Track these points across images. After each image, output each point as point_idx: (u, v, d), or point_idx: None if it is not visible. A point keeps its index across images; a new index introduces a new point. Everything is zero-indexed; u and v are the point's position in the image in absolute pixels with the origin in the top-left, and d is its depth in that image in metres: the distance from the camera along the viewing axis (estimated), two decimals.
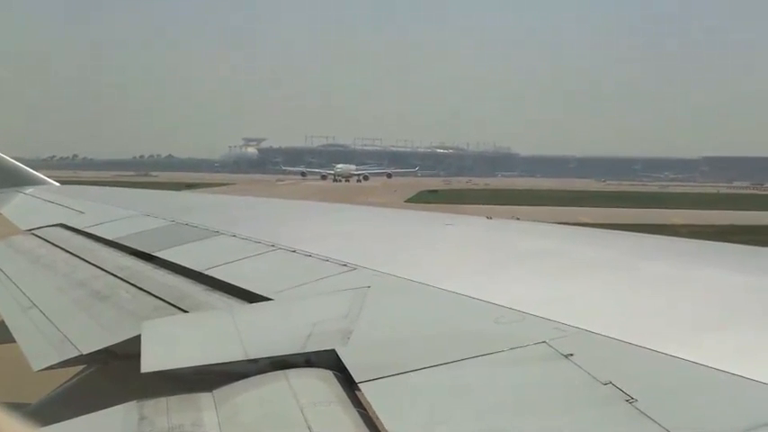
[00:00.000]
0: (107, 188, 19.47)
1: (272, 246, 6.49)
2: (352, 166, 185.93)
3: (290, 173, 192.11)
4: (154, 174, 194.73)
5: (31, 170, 16.25)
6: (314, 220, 9.42)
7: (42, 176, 16.11)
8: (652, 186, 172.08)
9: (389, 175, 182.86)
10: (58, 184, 16.22)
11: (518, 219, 8.66)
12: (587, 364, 3.04)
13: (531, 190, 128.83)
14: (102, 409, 3.51)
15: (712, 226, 49.83)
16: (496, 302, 4.00)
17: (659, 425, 2.47)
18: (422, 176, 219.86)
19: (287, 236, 6.95)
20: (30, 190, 14.79)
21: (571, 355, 3.15)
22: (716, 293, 4.15)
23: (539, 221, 9.02)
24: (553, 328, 3.48)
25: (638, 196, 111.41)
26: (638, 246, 6.28)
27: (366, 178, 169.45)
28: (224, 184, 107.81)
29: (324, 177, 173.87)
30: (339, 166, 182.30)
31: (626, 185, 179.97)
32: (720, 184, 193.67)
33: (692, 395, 2.76)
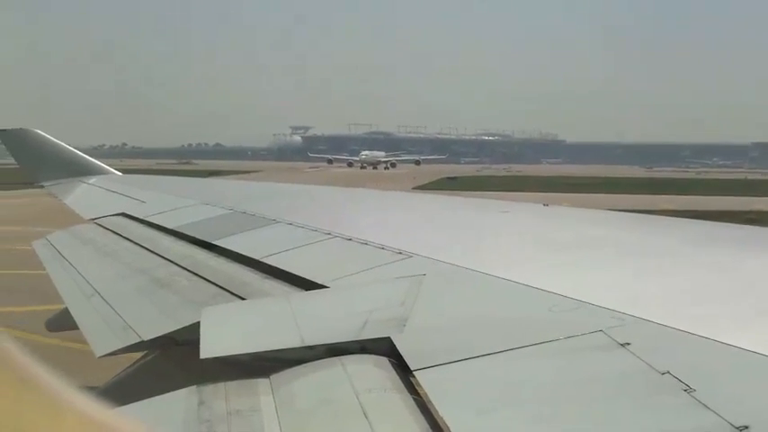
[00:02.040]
0: (168, 177, 19.75)
1: (329, 234, 6.54)
2: (381, 153, 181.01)
3: (316, 159, 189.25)
4: (195, 162, 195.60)
5: (92, 160, 16.52)
6: (370, 207, 9.49)
7: (104, 166, 16.38)
8: (690, 173, 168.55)
9: (418, 162, 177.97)
10: (119, 173, 16.49)
11: (546, 205, 8.53)
12: (644, 353, 3.00)
13: (562, 176, 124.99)
14: (162, 393, 3.58)
15: (714, 212, 47.77)
16: (552, 291, 3.98)
17: (718, 415, 2.44)
18: (458, 163, 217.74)
19: (343, 224, 7.00)
20: (92, 180, 15.05)
21: (628, 344, 3.12)
22: None
23: (595, 209, 8.91)
24: (610, 317, 3.45)
25: (673, 183, 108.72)
26: (697, 233, 6.18)
27: (393, 165, 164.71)
28: (248, 172, 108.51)
29: (350, 165, 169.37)
30: (364, 152, 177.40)
31: (668, 172, 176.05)
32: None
33: (752, 385, 2.74)
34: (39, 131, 16.37)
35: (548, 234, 6.32)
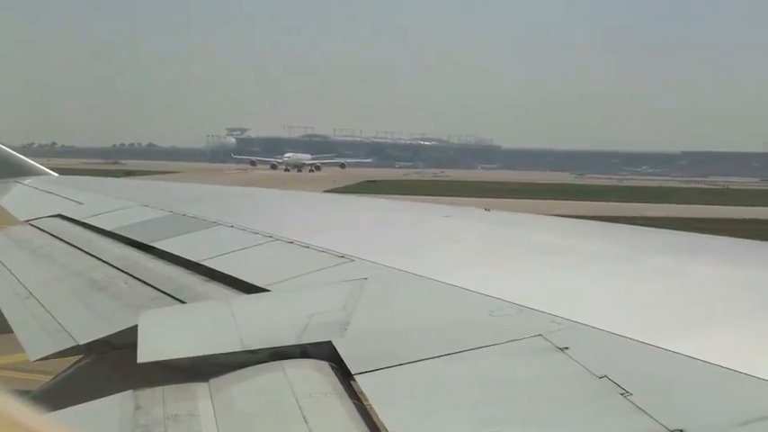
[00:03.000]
0: (106, 179, 19.42)
1: (270, 237, 6.50)
2: (307, 156, 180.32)
3: (241, 161, 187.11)
4: (123, 162, 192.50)
5: (29, 160, 16.17)
6: (312, 210, 9.45)
7: (41, 167, 16.05)
8: (612, 180, 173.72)
9: (343, 166, 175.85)
10: (56, 174, 16.16)
11: (488, 209, 8.63)
12: (583, 357, 3.04)
13: (486, 182, 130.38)
14: (98, 398, 3.53)
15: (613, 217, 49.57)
16: (493, 295, 4.01)
17: (654, 419, 2.48)
18: (392, 167, 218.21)
19: (285, 227, 6.97)
20: (28, 180, 14.75)
21: (567, 348, 3.16)
22: (712, 288, 4.17)
23: (537, 214, 9.06)
24: (549, 321, 3.49)
25: (591, 189, 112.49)
26: (635, 239, 6.29)
27: (318, 168, 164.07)
28: (166, 172, 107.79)
29: (274, 167, 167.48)
30: (287, 155, 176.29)
31: (594, 179, 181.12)
32: (693, 179, 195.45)
33: (688, 389, 2.77)
34: None
35: (489, 238, 6.37)
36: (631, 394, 2.67)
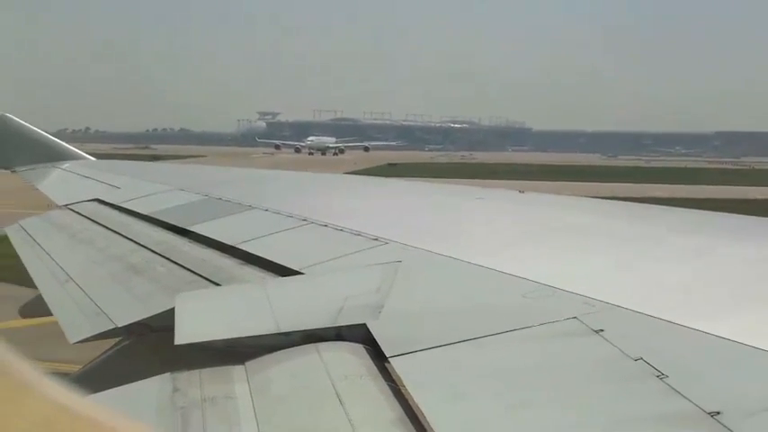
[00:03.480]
0: (143, 163, 19.50)
1: (304, 220, 6.54)
2: (331, 139, 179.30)
3: (265, 145, 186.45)
4: (154, 147, 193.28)
5: (66, 145, 16.36)
6: (346, 193, 9.48)
7: (78, 151, 16.24)
8: (639, 162, 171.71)
9: (367, 149, 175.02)
10: (93, 158, 16.32)
11: (522, 191, 8.55)
12: (618, 339, 3.03)
13: (514, 164, 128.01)
14: (136, 380, 3.57)
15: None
16: (527, 277, 4.01)
17: (691, 401, 2.47)
18: (422, 150, 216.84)
19: (319, 210, 7.00)
20: (66, 165, 14.90)
21: (602, 330, 3.14)
22: (747, 268, 4.13)
23: (570, 195, 8.97)
24: (583, 303, 3.48)
25: (622, 171, 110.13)
26: (670, 220, 6.24)
27: (342, 151, 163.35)
28: (193, 156, 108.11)
29: (298, 150, 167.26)
30: (310, 138, 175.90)
31: (625, 160, 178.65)
32: (725, 160, 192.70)
33: (724, 371, 2.77)
34: (10, 116, 16.17)
35: (522, 221, 6.34)
36: (667, 376, 2.66)
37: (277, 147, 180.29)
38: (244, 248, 5.98)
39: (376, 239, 5.41)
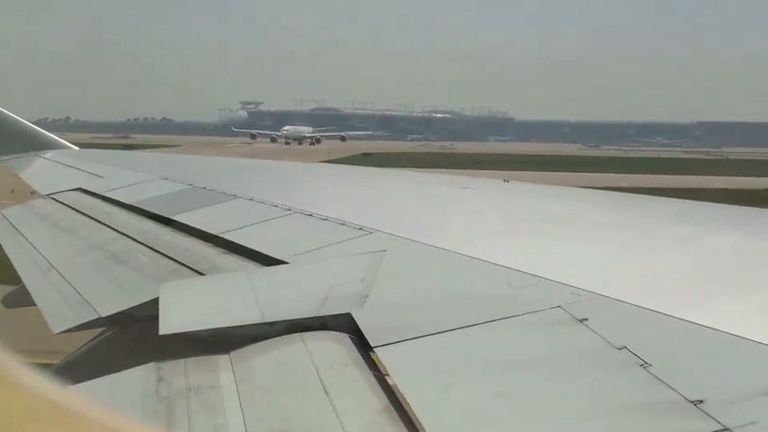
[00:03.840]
0: (126, 152, 19.43)
1: (289, 209, 6.53)
2: (308, 128, 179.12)
3: (241, 135, 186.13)
4: (133, 136, 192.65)
5: (49, 134, 16.21)
6: (331, 182, 9.47)
7: (61, 140, 16.09)
8: (624, 151, 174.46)
9: (343, 138, 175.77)
10: (76, 147, 16.20)
11: (506, 180, 8.56)
12: (602, 328, 3.04)
13: (490, 154, 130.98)
14: (120, 370, 3.56)
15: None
16: (512, 267, 4.01)
17: (674, 390, 2.49)
18: (404, 140, 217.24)
19: (303, 199, 7.00)
20: (48, 154, 14.78)
21: (586, 319, 3.16)
22: (731, 257, 4.15)
23: (555, 185, 8.99)
24: (568, 293, 3.48)
25: (588, 161, 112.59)
26: (654, 209, 6.26)
27: (318, 141, 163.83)
28: (168, 146, 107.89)
29: (273, 140, 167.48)
30: (286, 127, 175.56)
31: (606, 151, 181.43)
32: (704, 150, 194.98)
33: (707, 360, 2.78)
34: None
35: (507, 210, 6.34)
36: (651, 365, 2.67)
37: (253, 136, 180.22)
38: (228, 238, 5.97)
39: (361, 229, 5.40)
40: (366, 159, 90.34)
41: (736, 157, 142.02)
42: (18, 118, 15.90)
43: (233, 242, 5.83)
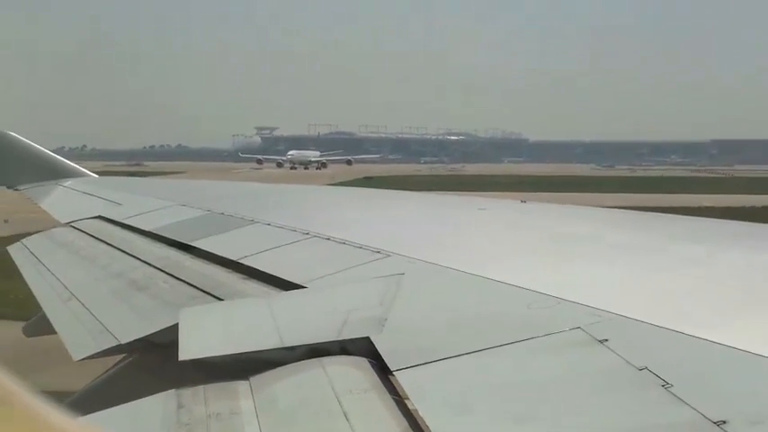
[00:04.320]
0: (145, 179, 19.54)
1: (307, 233, 6.54)
2: (315, 152, 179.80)
3: (248, 160, 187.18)
4: (145, 164, 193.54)
5: (68, 162, 16.37)
6: (349, 206, 9.50)
7: (80, 168, 16.25)
8: (628, 171, 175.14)
9: (349, 162, 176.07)
10: (95, 175, 16.32)
11: (524, 201, 8.55)
12: (622, 349, 3.02)
13: (500, 175, 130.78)
14: (141, 397, 3.58)
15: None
16: (531, 288, 4.00)
17: (696, 410, 2.46)
18: (418, 162, 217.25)
19: (321, 223, 7.00)
20: (68, 182, 14.88)
21: (606, 340, 3.14)
22: (751, 275, 4.12)
23: (572, 205, 8.98)
24: (588, 314, 3.47)
25: (591, 181, 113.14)
26: (673, 228, 6.23)
27: (324, 165, 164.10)
28: (174, 173, 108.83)
29: (280, 165, 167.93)
30: (291, 152, 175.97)
31: (618, 171, 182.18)
32: (713, 168, 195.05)
33: (729, 380, 2.76)
34: (12, 134, 16.17)
35: (525, 231, 6.34)
36: (672, 386, 2.65)
37: (259, 162, 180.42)
38: (246, 263, 5.97)
39: (378, 252, 5.40)
40: (368, 183, 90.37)
41: (743, 175, 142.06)
42: (38, 146, 16.09)
43: (251, 267, 5.83)
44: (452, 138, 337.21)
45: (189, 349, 3.96)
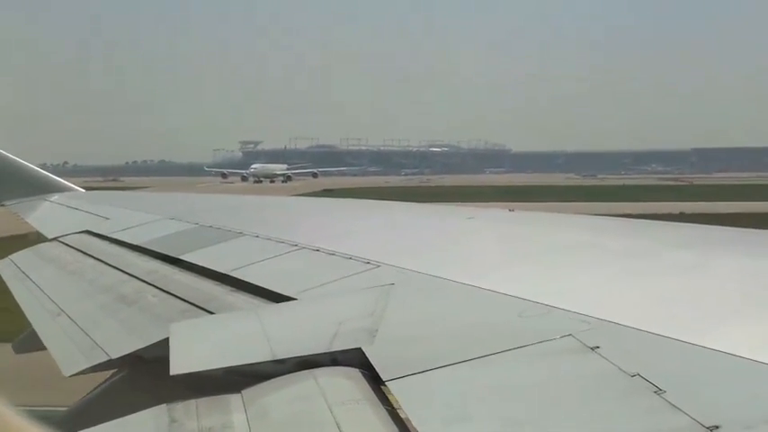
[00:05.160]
0: (132, 193, 19.47)
1: (295, 245, 6.53)
2: (281, 166, 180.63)
3: (212, 174, 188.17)
4: (122, 179, 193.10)
5: (55, 177, 16.34)
6: (337, 217, 9.50)
7: (66, 183, 16.24)
8: (599, 179, 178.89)
9: (315, 175, 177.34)
10: (83, 190, 16.30)
11: (512, 210, 8.57)
12: (614, 356, 3.03)
13: (467, 186, 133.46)
14: (132, 412, 3.56)
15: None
16: (521, 296, 4.00)
17: (689, 416, 2.47)
18: (398, 175, 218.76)
19: (310, 234, 7.01)
20: (55, 197, 14.85)
21: (597, 347, 3.14)
22: (741, 281, 4.11)
23: (560, 213, 9.02)
24: (579, 321, 3.47)
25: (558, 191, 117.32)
26: (662, 234, 6.24)
27: (290, 178, 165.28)
28: (139, 187, 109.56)
29: (244, 178, 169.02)
30: (254, 165, 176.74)
31: (599, 180, 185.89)
32: (687, 176, 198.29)
33: (721, 385, 2.75)
34: None
35: (514, 239, 6.34)
36: (665, 392, 2.66)
37: (224, 175, 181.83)
38: (236, 275, 5.97)
39: (368, 263, 5.40)
40: (328, 195, 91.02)
41: (717, 183, 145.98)
42: (23, 162, 16.04)
43: (241, 280, 5.83)
44: (435, 149, 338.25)
45: (180, 363, 3.94)
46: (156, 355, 4.65)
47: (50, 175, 16.48)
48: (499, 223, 7.64)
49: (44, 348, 5.94)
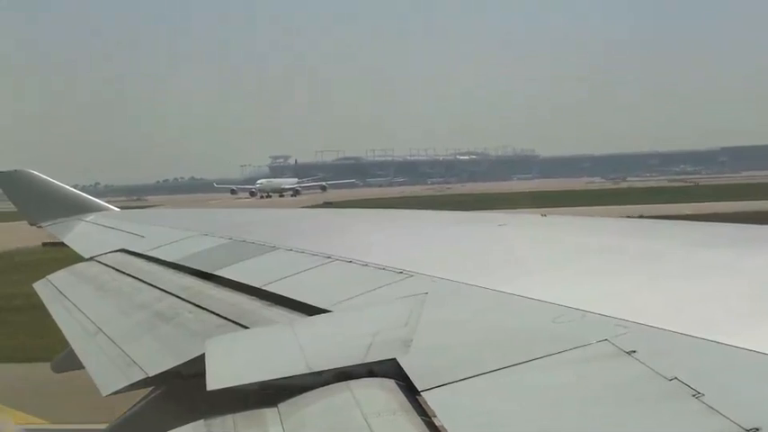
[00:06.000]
0: (167, 210, 19.64)
1: (329, 257, 6.53)
2: (291, 180, 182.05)
3: (222, 190, 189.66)
4: (146, 198, 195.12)
5: (90, 197, 16.59)
6: (369, 228, 9.52)
7: (101, 202, 16.45)
8: (614, 182, 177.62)
9: (324, 188, 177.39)
10: (117, 209, 16.52)
11: (544, 215, 8.52)
12: (651, 360, 3.00)
13: (487, 194, 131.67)
14: (170, 429, 3.59)
15: None
16: (556, 302, 3.97)
17: (728, 419, 2.44)
18: (425, 184, 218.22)
19: (343, 246, 7.02)
20: (90, 217, 15.00)
21: (634, 351, 3.11)
22: None
23: (593, 217, 8.98)
24: (614, 325, 3.44)
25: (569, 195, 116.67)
26: (698, 235, 6.16)
27: (298, 192, 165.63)
28: (152, 206, 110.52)
29: (252, 194, 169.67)
30: (261, 181, 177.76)
31: (628, 182, 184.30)
32: (723, 176, 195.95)
33: (761, 386, 2.72)
34: (33, 172, 16.41)
35: (547, 245, 6.31)
36: (703, 395, 2.63)
37: (233, 191, 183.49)
38: (270, 289, 5.99)
39: (401, 273, 5.39)
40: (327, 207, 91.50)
41: (735, 182, 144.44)
42: (60, 183, 16.32)
43: (275, 294, 5.85)
44: (462, 158, 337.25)
45: (216, 378, 3.96)
46: (193, 371, 4.66)
47: (86, 195, 16.71)
48: (530, 229, 7.61)
49: (82, 367, 6.00)
